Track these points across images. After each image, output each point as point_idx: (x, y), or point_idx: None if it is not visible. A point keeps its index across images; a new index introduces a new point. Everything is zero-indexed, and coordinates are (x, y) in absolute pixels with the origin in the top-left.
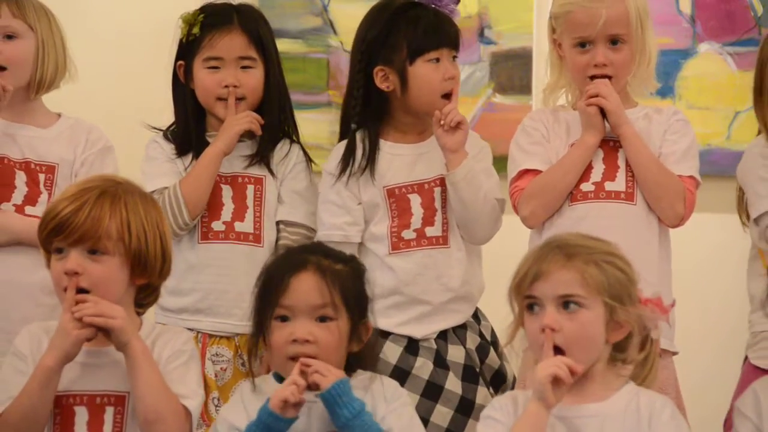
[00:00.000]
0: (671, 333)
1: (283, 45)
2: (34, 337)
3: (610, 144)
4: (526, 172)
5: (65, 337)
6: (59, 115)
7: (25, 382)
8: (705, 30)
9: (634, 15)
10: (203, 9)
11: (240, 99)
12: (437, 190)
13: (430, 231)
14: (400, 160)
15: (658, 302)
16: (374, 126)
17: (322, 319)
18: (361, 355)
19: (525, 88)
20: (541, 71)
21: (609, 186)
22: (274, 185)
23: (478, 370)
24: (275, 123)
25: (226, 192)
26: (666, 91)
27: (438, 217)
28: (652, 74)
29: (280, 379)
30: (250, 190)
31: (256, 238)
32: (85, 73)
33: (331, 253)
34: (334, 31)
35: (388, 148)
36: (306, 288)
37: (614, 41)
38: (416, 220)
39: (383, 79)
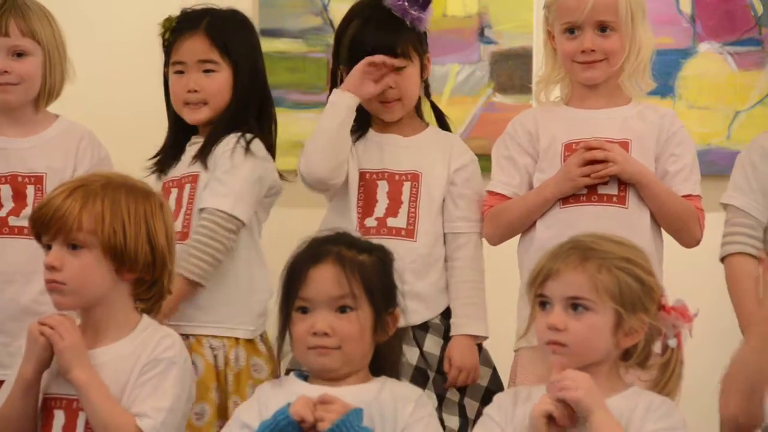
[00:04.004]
0: None
1: (283, 45)
2: None
3: None
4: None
5: (34, 344)
6: (57, 116)
7: None
8: (705, 30)
9: (624, 3)
10: (180, 14)
11: (202, 103)
12: (407, 184)
13: (391, 221)
14: (380, 148)
15: (683, 310)
16: (364, 116)
17: (343, 309)
18: (382, 352)
19: (525, 88)
20: (541, 71)
21: (601, 189)
22: (207, 178)
23: (432, 374)
24: (223, 122)
25: (173, 195)
26: (666, 91)
27: (403, 210)
28: (645, 70)
29: (301, 376)
30: (186, 189)
31: (183, 236)
32: (80, 78)
33: (355, 243)
34: (334, 31)
35: (373, 137)
36: (324, 279)
37: (603, 28)
38: (380, 209)
39: None
